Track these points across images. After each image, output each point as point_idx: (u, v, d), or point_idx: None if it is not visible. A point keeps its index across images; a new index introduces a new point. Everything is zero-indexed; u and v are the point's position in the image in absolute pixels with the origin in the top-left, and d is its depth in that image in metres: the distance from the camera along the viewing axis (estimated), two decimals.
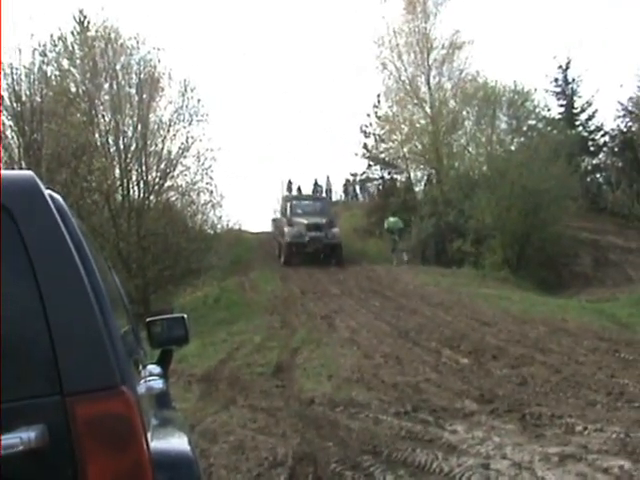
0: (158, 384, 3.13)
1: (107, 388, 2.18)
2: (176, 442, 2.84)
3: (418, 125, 37.63)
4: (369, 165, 43.39)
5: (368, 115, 41.12)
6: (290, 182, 49.71)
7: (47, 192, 2.37)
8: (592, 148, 40.41)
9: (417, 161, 38.78)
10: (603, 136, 40.59)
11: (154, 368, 3.74)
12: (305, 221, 29.22)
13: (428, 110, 37.46)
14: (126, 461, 2.16)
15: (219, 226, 24.35)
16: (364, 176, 44.97)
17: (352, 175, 47.03)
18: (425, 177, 39.69)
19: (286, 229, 29.46)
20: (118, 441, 2.16)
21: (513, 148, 34.39)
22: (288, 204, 31.89)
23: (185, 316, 4.47)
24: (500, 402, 8.91)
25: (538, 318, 15.72)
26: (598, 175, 39.38)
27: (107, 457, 2.14)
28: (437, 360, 11.99)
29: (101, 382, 2.18)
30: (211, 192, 22.84)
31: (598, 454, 6.46)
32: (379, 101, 40.19)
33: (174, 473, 2.46)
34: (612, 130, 40.15)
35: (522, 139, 35.26)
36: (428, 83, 37.75)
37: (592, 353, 11.81)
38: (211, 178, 22.69)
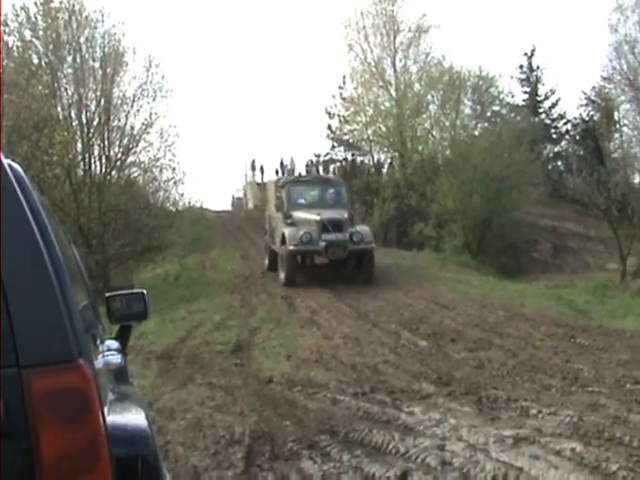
0: (116, 359, 3.11)
1: (64, 361, 2.15)
2: (133, 417, 2.81)
3: (383, 108, 37.70)
4: (333, 146, 43.40)
5: (333, 96, 41.11)
6: (254, 162, 49.45)
7: (6, 161, 2.32)
8: (554, 136, 40.83)
9: (381, 144, 38.87)
10: (565, 124, 41.07)
11: (112, 343, 3.71)
12: (316, 216, 18.46)
13: (393, 93, 37.54)
14: (81, 435, 2.14)
15: (181, 204, 24.11)
16: (328, 157, 44.96)
17: (316, 156, 46.97)
18: (389, 160, 39.81)
19: (286, 230, 18.60)
20: (74, 414, 2.13)
21: (477, 133, 34.63)
22: (284, 192, 20.19)
23: (145, 292, 4.43)
24: (457, 385, 8.99)
25: (497, 303, 15.89)
26: (560, 163, 39.78)
27: (62, 430, 2.11)
28: (396, 342, 12.06)
29: (58, 355, 2.15)
30: (174, 169, 22.62)
31: (551, 437, 6.54)
32: (344, 82, 40.19)
33: (130, 448, 2.44)
34: (574, 118, 40.62)
35: (486, 125, 35.51)
36: (394, 66, 37.82)
37: (549, 338, 11.96)
38: (174, 155, 22.47)
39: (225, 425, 7.40)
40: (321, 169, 45.08)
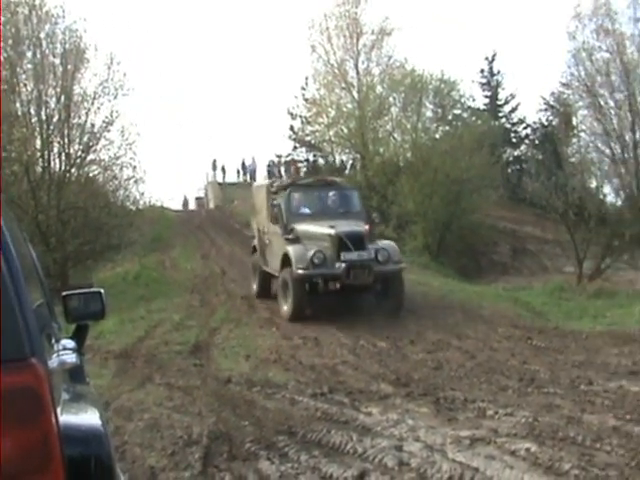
0: (71, 358, 3.08)
1: (16, 360, 2.14)
2: (87, 417, 2.80)
3: (345, 109, 37.72)
4: (295, 147, 43.41)
5: (295, 97, 41.12)
6: (215, 161, 49.30)
7: None
8: (514, 140, 41.25)
9: (343, 145, 38.90)
10: (525, 128, 41.51)
11: (68, 342, 3.68)
12: (330, 230, 14.01)
13: (355, 95, 37.59)
14: (34, 434, 2.12)
15: (141, 202, 23.92)
16: (289, 158, 44.95)
17: (277, 156, 46.95)
18: (350, 161, 39.90)
19: (289, 249, 14.16)
20: (25, 414, 2.12)
21: (438, 136, 34.79)
22: (281, 199, 15.50)
23: (102, 291, 4.40)
24: (415, 386, 9.04)
25: (456, 304, 16.00)
26: (519, 166, 40.18)
27: (14, 429, 2.10)
28: (355, 343, 12.09)
29: (10, 354, 2.13)
30: (134, 167, 22.45)
31: (507, 437, 6.61)
32: (307, 83, 40.19)
33: (84, 447, 2.43)
34: (534, 123, 41.06)
35: (447, 128, 35.69)
36: (356, 68, 37.86)
37: (506, 340, 12.08)
38: (134, 153, 22.30)
39: (183, 425, 7.37)
40: (282, 170, 45.09)
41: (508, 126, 41.37)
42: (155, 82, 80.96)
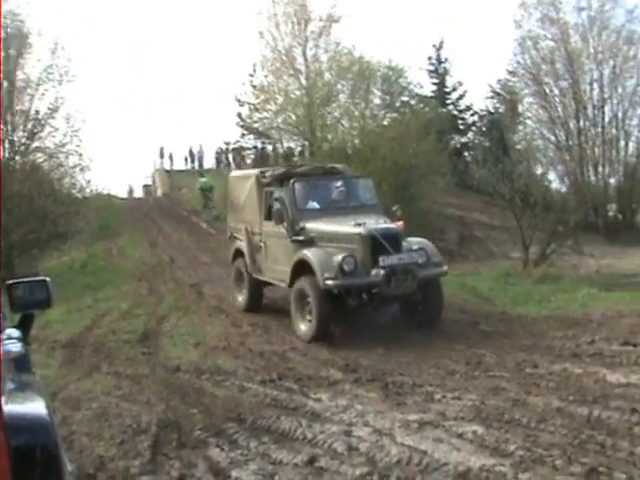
0: (16, 347, 3.07)
1: None
2: (32, 406, 2.77)
3: (293, 96, 37.66)
4: (243, 134, 43.22)
5: (243, 84, 40.86)
6: (162, 149, 48.93)
7: None
8: (461, 127, 41.60)
9: (291, 132, 38.86)
10: (472, 115, 41.85)
11: (13, 332, 3.64)
12: (359, 229, 11.20)
13: (303, 81, 37.54)
14: None
15: (88, 190, 23.66)
16: (237, 145, 44.74)
17: (225, 144, 46.71)
18: (299, 148, 39.87)
19: (308, 254, 11.41)
20: None
21: (386, 123, 34.90)
22: (285, 191, 12.58)
23: (48, 279, 4.36)
24: (364, 371, 9.10)
25: None
26: (466, 153, 40.54)
27: None
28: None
29: None
30: (80, 155, 22.20)
31: (455, 420, 6.71)
32: (255, 70, 39.96)
33: (29, 437, 2.41)
34: (481, 110, 41.43)
35: (395, 115, 35.85)
36: (304, 54, 37.79)
37: (454, 325, 12.20)
38: (80, 140, 22.03)
39: (132, 414, 7.34)
40: (230, 157, 44.89)
41: (455, 113, 41.67)
42: (100, 68, 79.85)
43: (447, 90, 41.99)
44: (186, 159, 48.56)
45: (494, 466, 5.42)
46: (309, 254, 11.30)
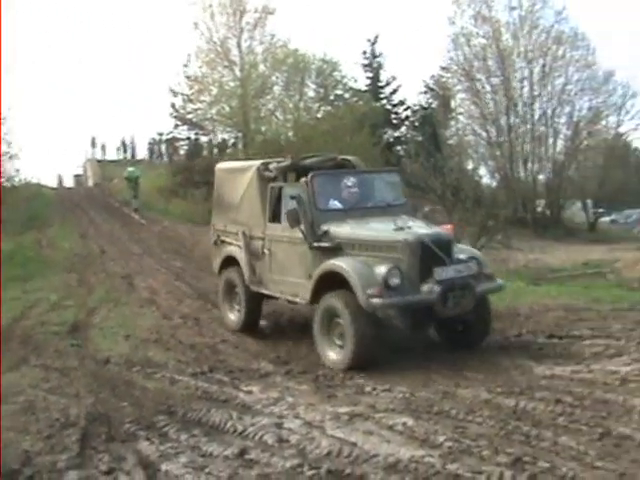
0: None
1: None
2: None
3: (227, 87, 37.50)
4: (176, 125, 42.85)
5: (177, 74, 40.52)
6: (94, 139, 48.28)
7: None
8: (395, 121, 41.93)
9: (225, 123, 38.67)
10: (406, 110, 42.22)
11: None
12: (403, 235, 8.97)
13: (238, 73, 37.38)
14: None
15: (16, 179, 23.21)
16: (170, 136, 44.36)
17: (159, 134, 46.28)
18: (232, 140, 39.73)
19: (340, 264, 9.09)
20: None
21: (320, 116, 35.00)
22: (302, 188, 9.99)
23: None
24: (295, 364, 9.13)
25: None
26: (399, 147, 40.88)
27: None
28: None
29: None
30: (9, 143, 21.73)
31: (385, 413, 6.76)
32: (189, 61, 39.63)
33: None
34: (414, 105, 41.82)
35: (329, 108, 35.97)
36: (239, 46, 37.63)
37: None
38: (8, 128, 21.57)
39: (60, 408, 7.23)
40: (163, 148, 44.48)
41: (389, 107, 41.98)
42: (32, 55, 78.25)
43: (381, 84, 42.27)
44: (118, 149, 48.00)
45: (423, 457, 5.49)
46: (343, 265, 9.02)
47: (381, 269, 8.71)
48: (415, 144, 36.54)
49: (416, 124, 41.51)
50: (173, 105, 41.02)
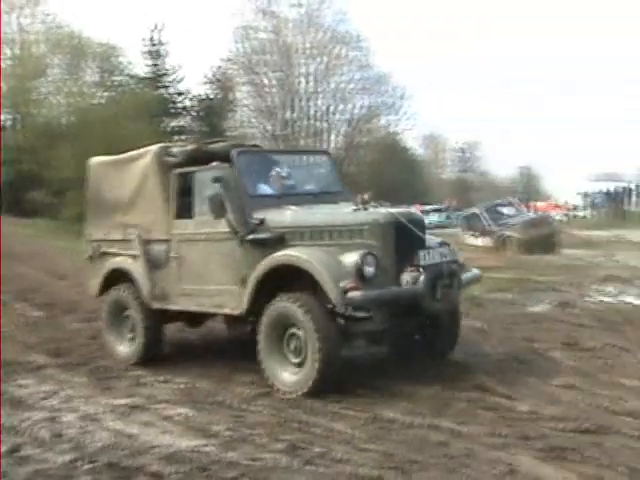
0: None
1: None
2: None
3: (4, 66, 35.66)
4: None
5: None
6: None
7: None
8: (177, 110, 41.59)
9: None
10: (191, 100, 41.96)
11: None
12: (377, 216, 7.31)
13: (15, 52, 35.68)
14: None
15: None
16: None
17: None
18: (9, 122, 37.76)
19: (302, 255, 7.20)
20: None
21: (100, 102, 34.14)
22: (227, 173, 7.95)
23: None
24: (71, 356, 8.94)
25: None
26: (183, 137, 40.66)
27: None
28: (11, 313, 11.59)
29: None
30: None
31: (164, 404, 6.82)
32: None
33: None
34: (198, 95, 41.68)
35: (110, 94, 35.16)
36: (18, 24, 35.96)
37: None
38: None
39: None
40: None
41: (171, 97, 41.55)
42: None
43: (163, 73, 41.74)
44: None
45: (202, 446, 5.57)
46: (301, 255, 7.21)
47: (351, 257, 6.99)
48: (198, 134, 36.54)
49: (200, 114, 41.36)
50: None
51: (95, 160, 10.22)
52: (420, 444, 5.51)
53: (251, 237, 7.63)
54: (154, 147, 9.16)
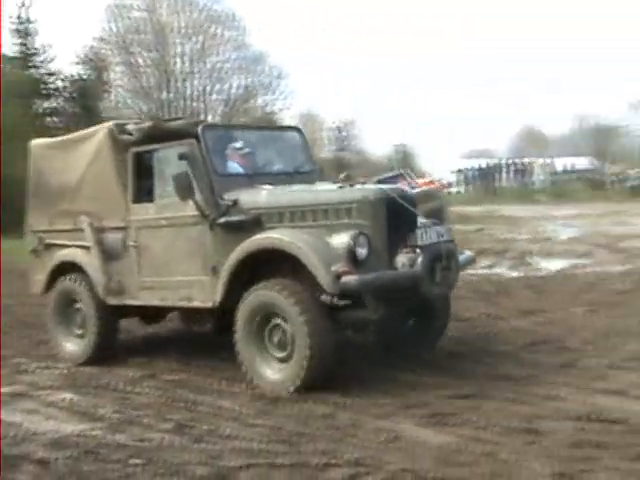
0: None
1: None
2: None
3: None
4: None
5: None
6: None
7: None
8: (48, 91, 40.34)
9: None
10: (63, 81, 40.73)
11: None
12: (367, 192, 6.66)
13: None
14: None
15: None
16: None
17: None
18: None
19: (286, 237, 6.47)
20: None
21: None
22: (191, 150, 7.09)
23: None
24: None
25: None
26: (55, 119, 39.52)
27: None
28: None
29: None
30: None
31: (47, 390, 6.77)
32: None
33: None
34: (71, 76, 40.52)
35: None
36: None
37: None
38: None
39: None
40: None
41: (41, 77, 40.26)
42: None
43: (33, 52, 40.37)
44: None
45: (88, 430, 5.53)
46: (285, 237, 6.50)
47: (341, 238, 6.32)
48: (71, 116, 35.64)
49: (73, 95, 40.21)
50: None
51: (37, 142, 9.22)
52: (307, 417, 5.64)
53: (223, 220, 6.88)
54: (106, 124, 8.22)
